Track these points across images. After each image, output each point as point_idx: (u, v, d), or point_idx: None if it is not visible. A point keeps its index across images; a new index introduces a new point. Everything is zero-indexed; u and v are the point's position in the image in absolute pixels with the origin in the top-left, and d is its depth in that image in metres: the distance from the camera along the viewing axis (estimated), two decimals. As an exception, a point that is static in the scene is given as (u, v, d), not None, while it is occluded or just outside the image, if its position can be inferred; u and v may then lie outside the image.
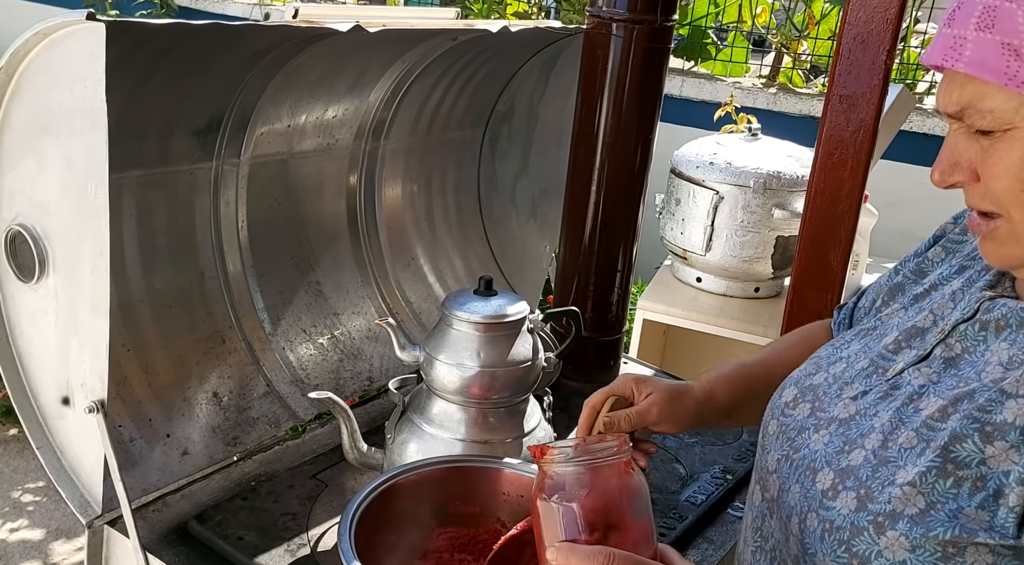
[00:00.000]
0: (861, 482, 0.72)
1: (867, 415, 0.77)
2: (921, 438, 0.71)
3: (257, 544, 1.14)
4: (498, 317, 1.15)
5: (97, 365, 1.09)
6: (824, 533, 0.73)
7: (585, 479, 0.75)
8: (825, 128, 1.58)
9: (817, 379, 0.86)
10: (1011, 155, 0.67)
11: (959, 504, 0.66)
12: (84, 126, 0.99)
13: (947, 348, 0.77)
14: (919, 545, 0.66)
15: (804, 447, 0.80)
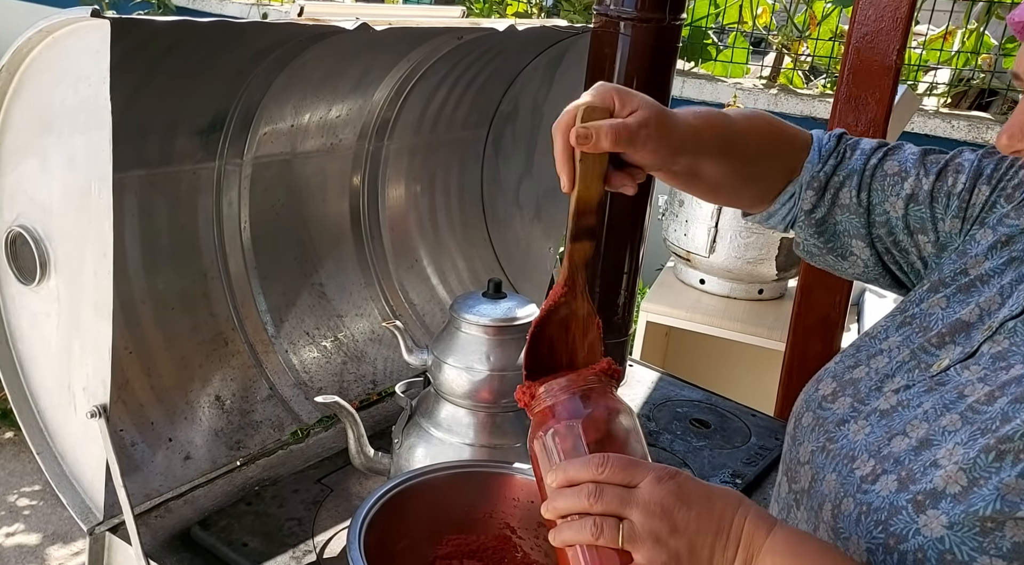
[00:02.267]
0: (903, 466, 0.71)
1: (910, 406, 0.76)
2: (965, 420, 0.70)
3: (262, 550, 1.12)
4: (508, 320, 1.13)
5: (99, 369, 1.06)
6: (860, 516, 0.71)
7: (579, 401, 0.77)
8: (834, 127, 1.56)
9: (858, 373, 0.84)
10: None
11: (1000, 477, 0.65)
12: (87, 125, 0.97)
13: (994, 344, 0.75)
14: (958, 522, 0.65)
15: (842, 438, 0.79)
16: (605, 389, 0.80)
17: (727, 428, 1.60)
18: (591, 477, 0.67)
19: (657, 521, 0.65)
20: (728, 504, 0.66)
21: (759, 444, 1.54)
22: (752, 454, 1.51)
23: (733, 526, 0.65)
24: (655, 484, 0.66)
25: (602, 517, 0.66)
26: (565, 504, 0.69)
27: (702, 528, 0.65)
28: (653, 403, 1.70)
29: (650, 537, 0.64)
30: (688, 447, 1.52)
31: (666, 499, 0.65)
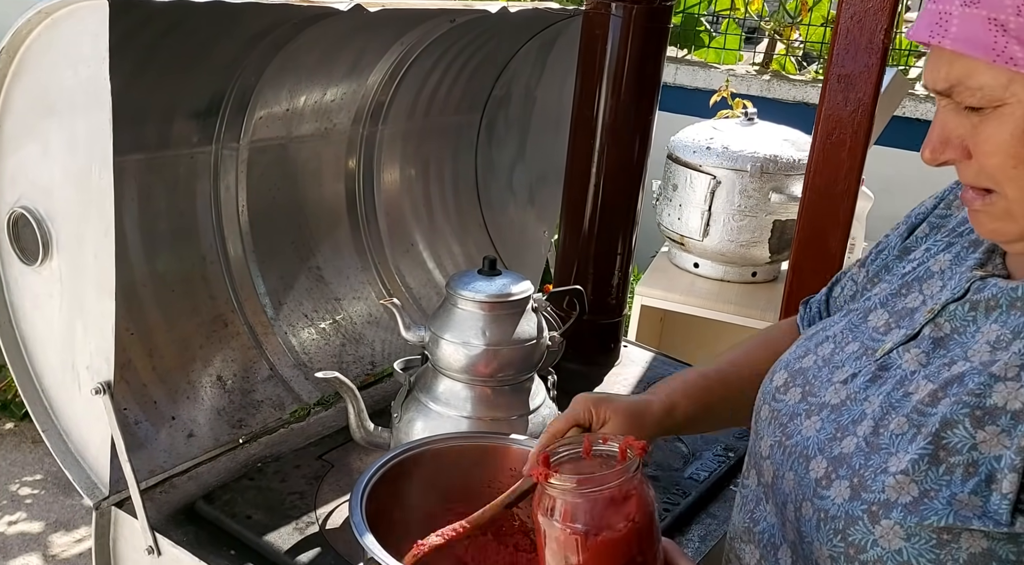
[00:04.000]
0: (854, 471, 0.72)
1: (858, 400, 0.76)
2: (912, 424, 0.70)
3: (266, 523, 1.15)
4: (503, 296, 1.16)
5: (103, 347, 1.08)
6: (819, 522, 0.73)
7: (591, 504, 0.72)
8: (824, 108, 1.58)
9: (806, 362, 0.85)
10: (1002, 132, 0.66)
11: (952, 491, 0.66)
12: (88, 106, 0.99)
13: (936, 328, 0.76)
14: (914, 533, 0.66)
15: (796, 434, 0.79)
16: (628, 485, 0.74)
17: (720, 404, 1.62)
18: None
19: None
20: None
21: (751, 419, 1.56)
22: (744, 430, 1.53)
23: None
24: None
25: None
26: None
27: None
28: (647, 382, 1.72)
29: None
30: (682, 423, 1.54)
31: None
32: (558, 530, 0.72)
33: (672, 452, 1.44)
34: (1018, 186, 0.66)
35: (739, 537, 0.88)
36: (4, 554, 2.44)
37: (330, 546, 1.12)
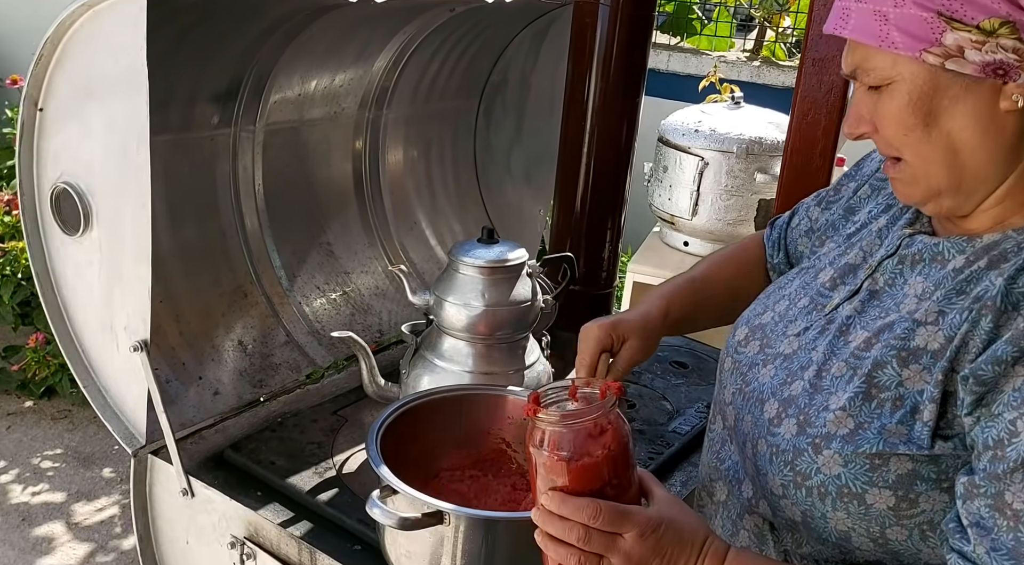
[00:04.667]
0: (800, 410, 0.82)
1: (806, 349, 0.87)
2: (849, 367, 0.81)
3: (288, 468, 1.27)
4: (500, 262, 1.27)
5: (139, 308, 1.20)
6: (772, 456, 0.83)
7: (573, 435, 0.81)
8: (800, 90, 1.69)
9: (765, 318, 0.96)
10: (893, 105, 0.76)
11: (882, 422, 0.76)
12: (126, 90, 1.10)
13: (872, 282, 0.86)
14: (850, 460, 0.77)
15: (754, 381, 0.90)
16: (603, 423, 0.83)
17: (703, 368, 1.74)
18: (584, 521, 0.76)
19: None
20: (693, 552, 0.77)
21: (733, 381, 1.68)
22: (726, 389, 1.65)
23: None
24: (638, 540, 0.76)
25: (588, 553, 0.77)
26: (556, 532, 0.78)
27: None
28: (637, 348, 1.84)
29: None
30: (667, 384, 1.66)
31: (644, 553, 0.76)
32: (546, 457, 0.82)
33: (657, 409, 1.56)
34: (913, 151, 0.77)
35: (708, 476, 1.00)
36: (29, 522, 2.56)
37: (347, 487, 1.24)
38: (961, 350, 0.74)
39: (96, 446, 2.96)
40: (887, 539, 0.76)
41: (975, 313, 0.74)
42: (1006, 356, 0.70)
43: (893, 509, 0.75)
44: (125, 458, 2.90)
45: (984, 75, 0.72)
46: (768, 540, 0.88)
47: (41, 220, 1.27)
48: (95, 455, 2.91)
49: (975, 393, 0.71)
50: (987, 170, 0.76)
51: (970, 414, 0.72)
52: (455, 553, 0.97)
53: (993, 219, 0.79)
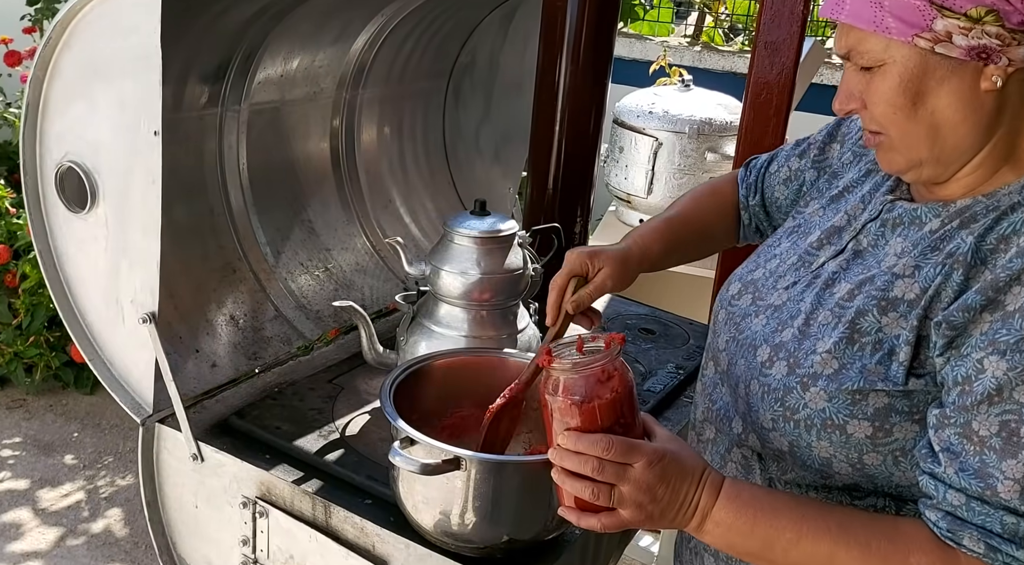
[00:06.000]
0: (790, 353, 0.93)
1: (795, 301, 0.98)
2: (834, 316, 0.92)
3: (293, 432, 1.33)
4: (494, 232, 1.36)
5: (147, 281, 1.24)
6: (764, 394, 0.94)
7: (583, 380, 0.90)
8: (753, 73, 1.82)
9: (757, 274, 1.07)
10: (884, 85, 0.84)
11: (863, 363, 0.87)
12: (137, 70, 1.14)
13: (857, 243, 0.97)
14: (834, 396, 0.87)
15: (747, 329, 1.01)
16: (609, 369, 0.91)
17: (669, 334, 1.87)
18: (598, 454, 0.85)
19: (642, 494, 0.85)
20: (693, 480, 0.86)
21: (696, 344, 1.81)
22: (691, 352, 1.78)
23: (694, 498, 0.86)
24: (646, 468, 0.85)
25: (600, 484, 0.86)
26: (573, 465, 0.86)
27: (673, 500, 0.86)
28: (606, 317, 1.95)
29: (634, 503, 0.86)
30: (639, 349, 1.78)
31: (651, 480, 0.85)
32: (560, 402, 0.92)
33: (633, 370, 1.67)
34: (898, 128, 0.87)
35: (699, 419, 1.11)
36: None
37: (352, 447, 1.31)
38: (935, 299, 0.84)
39: (55, 434, 2.93)
40: (864, 464, 0.88)
41: (948, 267, 0.84)
42: (975, 304, 0.80)
43: (870, 438, 0.86)
44: (86, 445, 2.88)
45: (969, 58, 0.81)
46: (755, 469, 0.99)
47: (44, 198, 1.30)
48: (55, 443, 2.89)
49: (947, 337, 0.81)
50: (965, 144, 0.85)
51: (941, 355, 0.82)
52: (468, 495, 1.06)
53: (966, 187, 0.89)
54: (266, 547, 1.27)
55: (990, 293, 0.80)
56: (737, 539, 0.87)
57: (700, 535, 0.89)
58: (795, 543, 0.84)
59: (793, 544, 0.84)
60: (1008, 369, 0.77)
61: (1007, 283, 0.79)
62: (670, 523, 0.88)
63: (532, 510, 1.10)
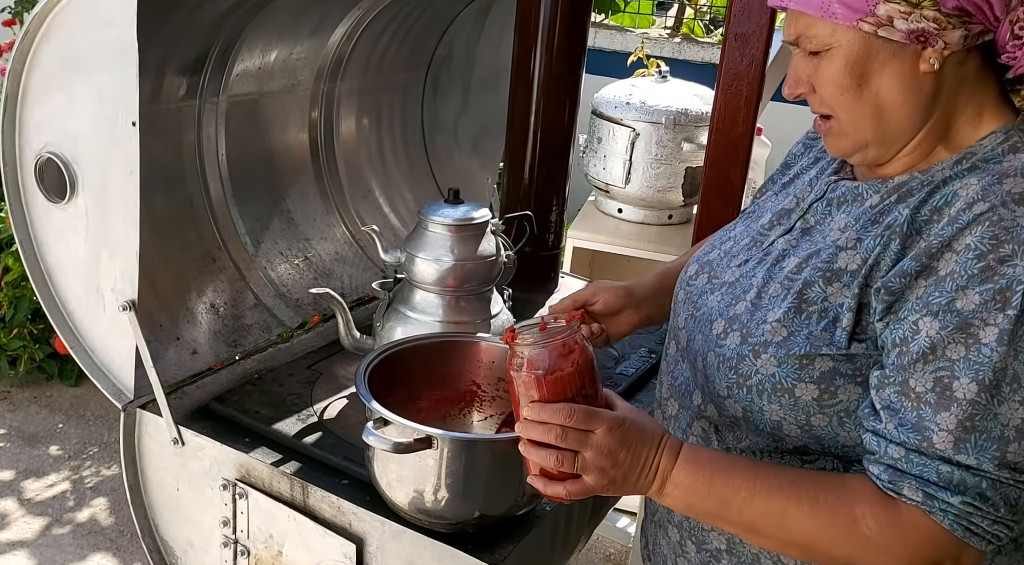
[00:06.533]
0: (743, 324, 0.98)
1: (748, 276, 1.03)
2: (784, 288, 0.97)
3: (272, 416, 1.36)
4: (467, 220, 1.39)
5: (127, 270, 1.27)
6: (719, 364, 0.98)
7: (546, 354, 0.94)
8: (724, 63, 1.86)
9: (712, 255, 1.12)
10: (831, 68, 0.89)
11: (810, 330, 0.92)
12: (114, 62, 1.17)
13: (804, 221, 1.02)
14: (783, 361, 0.92)
15: (704, 306, 1.06)
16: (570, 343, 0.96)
17: (644, 319, 1.91)
18: (560, 422, 0.89)
19: (604, 459, 0.89)
20: (653, 444, 0.91)
21: (670, 330, 1.85)
22: (663, 337, 1.81)
23: (654, 461, 0.91)
24: (607, 433, 0.89)
25: (564, 451, 0.91)
26: (538, 435, 0.91)
27: (634, 463, 0.91)
28: (582, 304, 1.99)
29: (597, 469, 0.90)
30: (612, 334, 1.82)
31: (613, 445, 0.89)
32: (524, 376, 0.95)
33: (605, 355, 1.71)
34: (845, 110, 0.92)
35: (664, 396, 1.16)
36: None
37: (329, 430, 1.35)
38: (874, 268, 0.89)
39: (39, 425, 2.95)
40: (812, 426, 0.93)
41: (886, 238, 0.90)
42: (911, 270, 0.85)
43: (817, 400, 0.91)
44: (71, 436, 2.90)
45: (909, 41, 0.86)
46: (713, 441, 1.04)
47: (24, 189, 1.32)
48: (39, 434, 2.91)
49: (885, 302, 0.87)
50: (906, 124, 0.90)
51: (881, 320, 0.87)
52: (441, 473, 1.10)
53: (905, 165, 0.94)
54: (246, 528, 1.30)
55: (924, 259, 0.85)
56: (695, 500, 0.92)
57: (661, 498, 0.93)
58: (749, 501, 0.88)
59: (748, 502, 0.88)
60: (940, 329, 0.82)
61: (939, 250, 0.85)
62: (632, 488, 0.92)
63: (502, 487, 1.14)
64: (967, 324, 0.81)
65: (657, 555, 1.15)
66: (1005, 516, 0.82)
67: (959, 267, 0.83)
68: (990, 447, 0.80)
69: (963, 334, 0.81)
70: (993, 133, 0.91)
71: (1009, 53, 0.88)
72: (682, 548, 1.08)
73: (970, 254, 0.83)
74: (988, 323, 0.80)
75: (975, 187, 0.86)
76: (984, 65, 0.90)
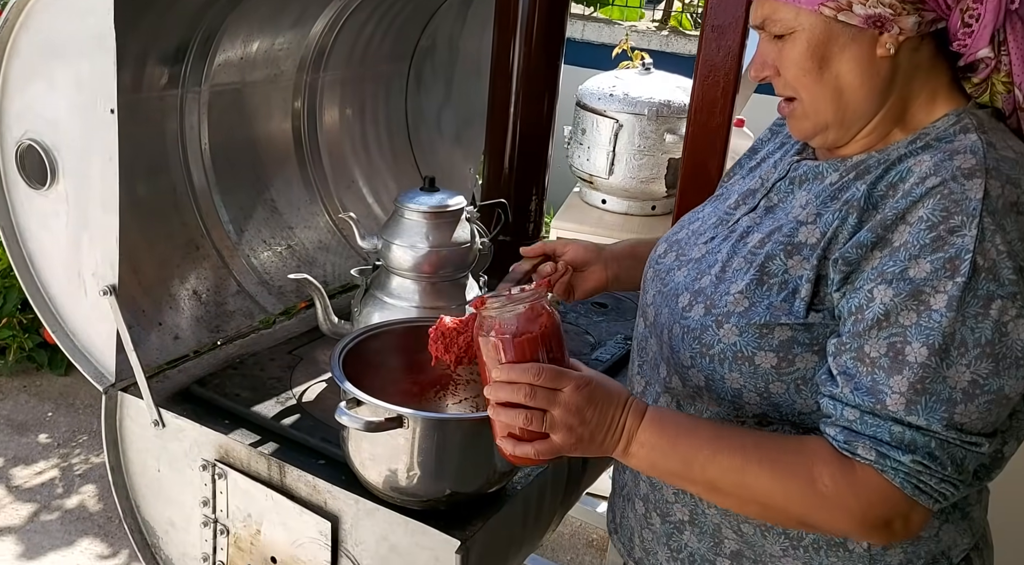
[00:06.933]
0: (707, 297, 1.01)
1: (713, 252, 1.06)
2: (747, 262, 1.00)
3: (252, 399, 1.39)
4: (442, 207, 1.42)
5: (108, 255, 1.30)
6: (684, 335, 1.02)
7: (514, 318, 0.97)
8: (701, 55, 1.89)
9: (681, 235, 1.15)
10: (795, 51, 0.94)
11: (770, 300, 0.95)
12: (92, 50, 1.19)
13: (768, 200, 1.06)
14: (744, 330, 0.96)
15: (671, 282, 1.09)
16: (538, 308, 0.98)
17: (620, 308, 1.94)
18: (529, 381, 0.91)
19: (572, 416, 0.91)
20: (619, 403, 0.93)
21: (648, 317, 1.89)
22: (642, 324, 1.86)
23: (620, 419, 0.93)
24: (574, 391, 0.91)
25: (533, 410, 0.93)
26: (506, 395, 0.92)
27: (601, 421, 0.92)
28: (562, 293, 2.02)
29: (565, 426, 0.92)
30: (590, 321, 1.85)
31: (580, 403, 0.91)
32: (492, 340, 0.97)
33: (581, 342, 1.75)
34: (807, 91, 0.96)
35: (634, 373, 1.19)
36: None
37: (308, 413, 1.38)
38: (832, 241, 0.93)
39: (28, 414, 2.97)
40: (770, 393, 0.96)
41: (844, 212, 0.93)
42: (867, 241, 0.89)
43: (775, 368, 0.95)
44: (60, 424, 2.93)
45: (866, 26, 0.89)
46: None
47: (5, 176, 1.34)
48: (28, 422, 2.93)
49: (843, 272, 0.90)
50: (864, 107, 0.94)
51: (838, 290, 0.91)
52: (412, 452, 1.13)
53: (862, 147, 0.98)
54: (225, 507, 1.33)
55: (879, 231, 0.89)
56: (660, 458, 0.94)
57: (626, 458, 0.96)
58: (712, 459, 0.91)
59: (710, 459, 0.91)
60: (894, 296, 0.86)
61: (893, 222, 0.88)
62: (599, 447, 0.95)
63: (473, 465, 1.17)
64: (919, 291, 0.85)
65: (624, 528, 1.18)
66: (952, 475, 0.85)
67: (912, 238, 0.86)
68: (939, 408, 0.84)
69: (915, 301, 0.85)
70: (946, 115, 0.95)
71: (960, 40, 0.91)
72: (647, 520, 1.12)
73: (922, 225, 0.86)
74: (938, 290, 0.84)
75: (928, 163, 0.90)
76: (937, 52, 0.94)
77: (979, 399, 0.84)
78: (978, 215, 0.84)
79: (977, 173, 0.86)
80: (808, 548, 1.00)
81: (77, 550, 2.42)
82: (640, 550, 1.14)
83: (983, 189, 0.85)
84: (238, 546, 1.34)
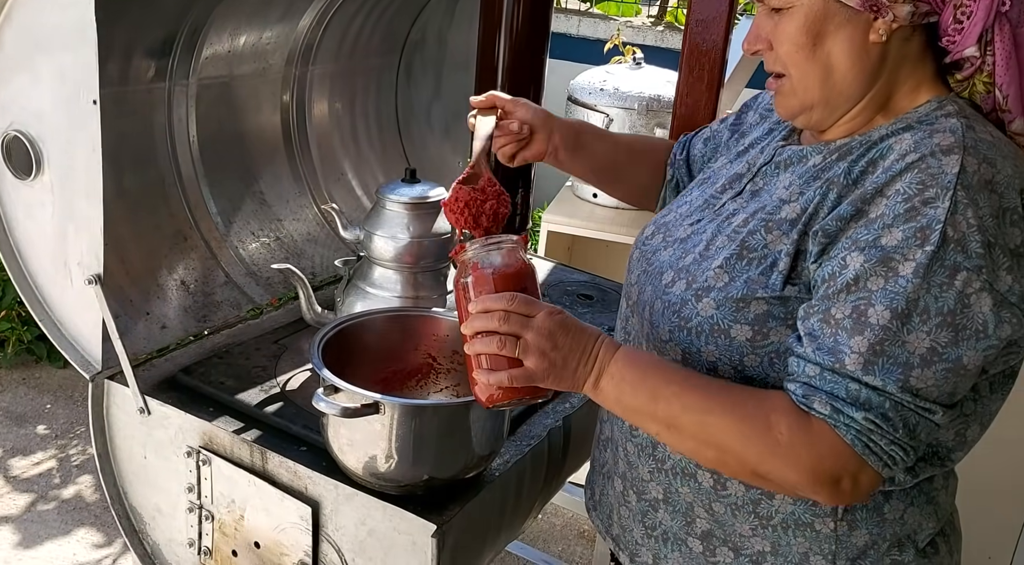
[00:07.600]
0: (690, 273, 1.03)
1: (698, 233, 1.09)
2: (730, 240, 1.02)
3: (236, 387, 1.41)
4: (423, 198, 1.44)
5: (93, 245, 1.32)
6: (664, 310, 1.04)
7: (489, 256, 1.00)
8: (686, 49, 1.90)
9: (669, 217, 1.17)
10: (791, 25, 0.94)
11: (749, 275, 0.97)
12: (75, 42, 1.21)
13: (754, 184, 1.08)
14: (722, 304, 0.98)
15: (656, 261, 1.11)
16: (515, 251, 1.03)
17: (606, 299, 1.96)
18: (502, 307, 0.94)
19: (544, 341, 0.94)
20: (592, 335, 0.96)
21: (633, 308, 1.90)
22: (627, 315, 1.87)
23: (593, 349, 0.96)
24: (547, 317, 0.93)
25: (506, 335, 0.95)
26: (481, 324, 0.95)
27: (574, 348, 0.95)
28: (548, 285, 2.04)
29: (537, 351, 0.94)
30: (576, 313, 1.86)
31: (553, 327, 0.93)
32: (471, 278, 1.00)
33: (566, 332, 1.76)
34: (798, 68, 0.97)
35: None
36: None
37: (291, 401, 1.40)
38: (813, 216, 0.95)
39: (27, 406, 3.00)
40: (744, 366, 0.98)
41: (825, 189, 0.96)
42: (846, 214, 0.91)
43: (750, 341, 0.96)
44: (59, 416, 2.96)
45: (863, 9, 0.91)
46: None
47: (-8, 166, 1.37)
48: (27, 414, 2.96)
49: (821, 244, 0.92)
50: (851, 90, 0.96)
51: (815, 261, 0.93)
52: (390, 438, 1.15)
53: (846, 131, 1.00)
54: (210, 493, 1.35)
55: (858, 204, 0.91)
56: (628, 392, 0.96)
57: (596, 393, 0.97)
58: (678, 395, 0.93)
59: (676, 396, 0.93)
60: (865, 261, 0.88)
61: (872, 195, 0.90)
62: (572, 376, 0.96)
63: (450, 450, 1.19)
64: (888, 258, 0.87)
65: (603, 505, 1.20)
66: (902, 438, 0.87)
67: (888, 209, 0.88)
68: (895, 371, 0.86)
69: (884, 267, 0.87)
70: (928, 101, 0.97)
71: (950, 37, 0.93)
72: (624, 498, 1.14)
73: (899, 197, 0.88)
74: (907, 258, 0.86)
75: (908, 141, 0.92)
76: (926, 46, 0.96)
77: (936, 366, 0.86)
78: (952, 188, 0.86)
79: (955, 150, 0.88)
80: (777, 527, 1.02)
81: (73, 539, 2.45)
82: (617, 527, 1.16)
83: (959, 164, 0.87)
84: (223, 532, 1.36)
